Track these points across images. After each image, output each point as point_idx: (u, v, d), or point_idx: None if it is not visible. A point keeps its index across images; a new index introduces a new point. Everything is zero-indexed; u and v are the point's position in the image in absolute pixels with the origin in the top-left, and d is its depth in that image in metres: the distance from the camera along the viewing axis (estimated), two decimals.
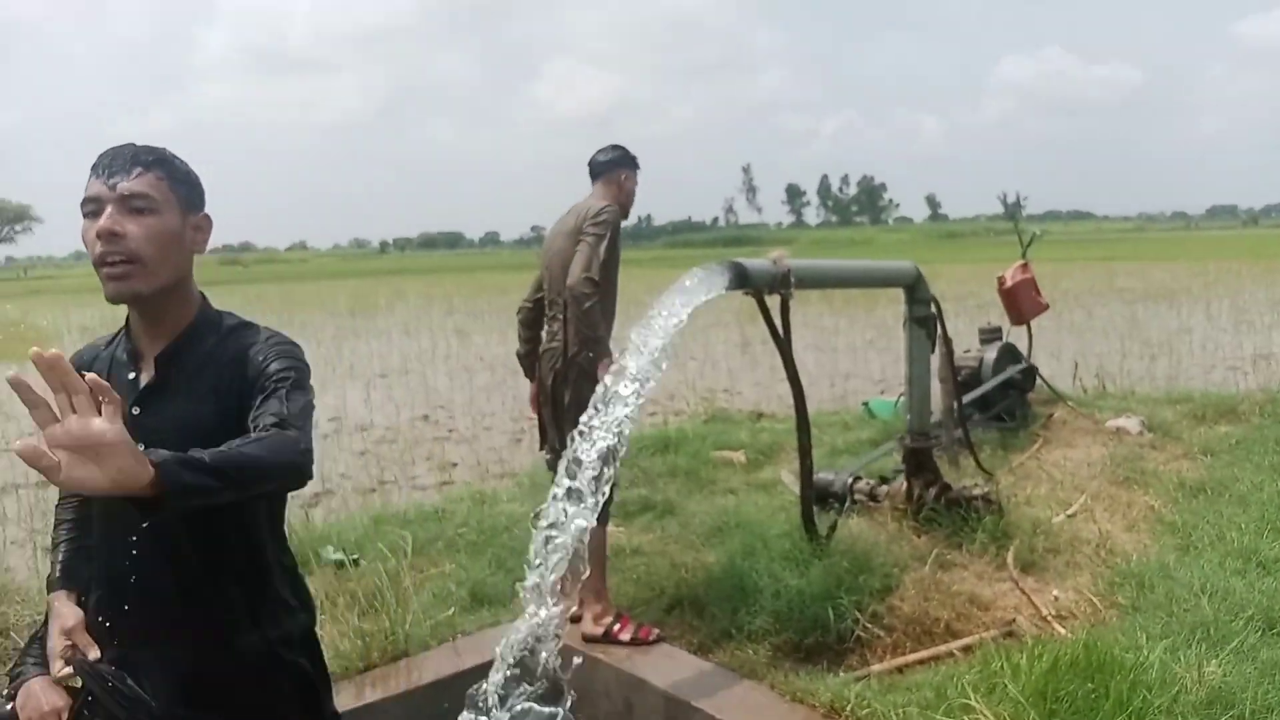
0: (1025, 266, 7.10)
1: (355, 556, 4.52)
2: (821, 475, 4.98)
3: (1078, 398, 7.40)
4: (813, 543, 3.93)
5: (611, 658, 3.56)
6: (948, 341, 5.07)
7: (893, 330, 11.41)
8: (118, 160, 1.60)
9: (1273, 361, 12.12)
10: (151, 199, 1.60)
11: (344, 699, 3.07)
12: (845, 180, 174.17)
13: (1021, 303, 6.98)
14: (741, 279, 3.45)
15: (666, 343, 2.94)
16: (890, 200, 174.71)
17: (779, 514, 4.74)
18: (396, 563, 4.22)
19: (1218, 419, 6.64)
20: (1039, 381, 6.80)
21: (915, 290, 4.61)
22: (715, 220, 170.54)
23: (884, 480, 4.84)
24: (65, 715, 1.64)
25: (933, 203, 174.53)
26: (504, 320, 16.83)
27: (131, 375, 1.69)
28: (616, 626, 3.66)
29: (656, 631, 3.69)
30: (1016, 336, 7.12)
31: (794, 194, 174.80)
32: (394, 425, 10.03)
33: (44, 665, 1.68)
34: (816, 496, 4.90)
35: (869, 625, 3.62)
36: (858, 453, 6.03)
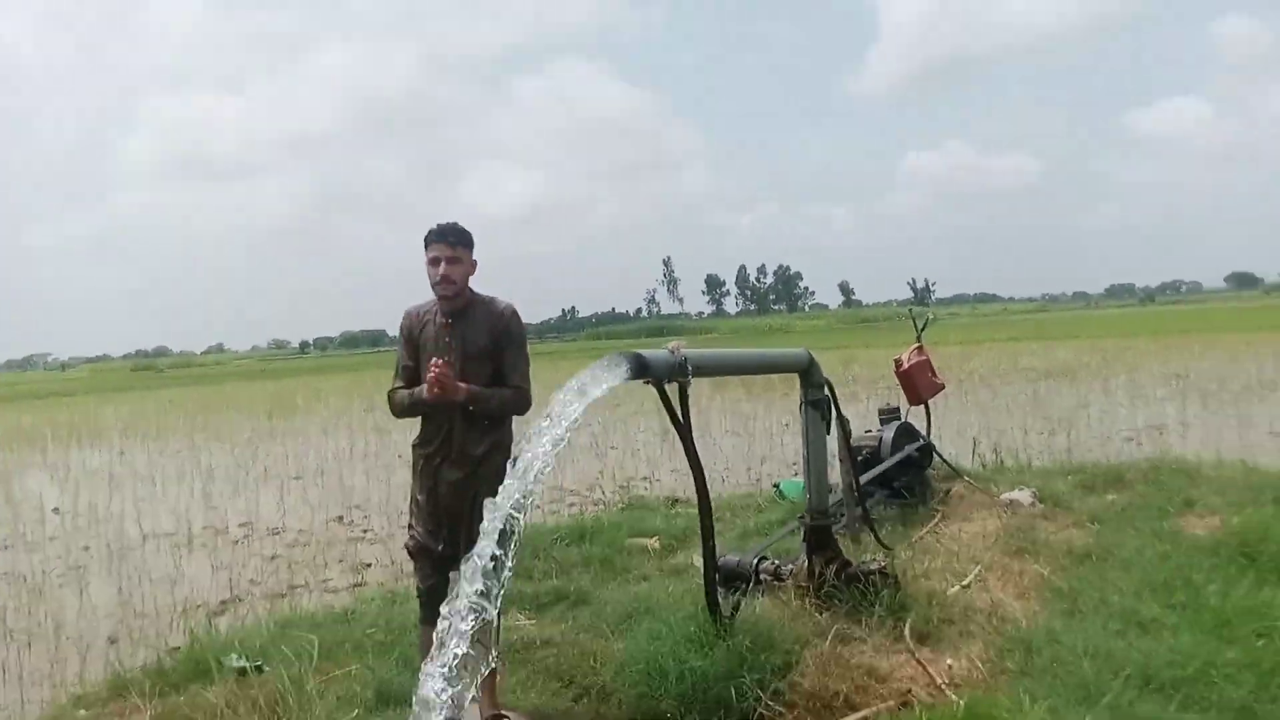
0: (920, 349, 7.43)
1: (259, 663, 4.45)
2: (728, 557, 5.10)
3: (977, 472, 7.69)
4: (717, 624, 4.01)
5: None
6: (843, 422, 5.29)
7: None
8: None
9: (1164, 432, 12.70)
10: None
11: None
12: (762, 270, 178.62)
13: (918, 383, 7.29)
14: (641, 369, 3.61)
15: (563, 435, 3.06)
16: (806, 288, 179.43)
17: (688, 597, 4.83)
18: (301, 668, 4.18)
19: (1106, 488, 6.97)
20: (938, 458, 7.06)
21: (809, 375, 4.83)
22: (638, 311, 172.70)
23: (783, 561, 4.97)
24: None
25: (846, 290, 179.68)
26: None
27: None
28: None
29: None
30: (922, 415, 7.41)
31: (714, 284, 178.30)
32: (307, 528, 9.86)
33: None
34: (725, 578, 5.02)
35: (770, 703, 3.70)
36: (768, 533, 6.17)
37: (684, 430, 3.96)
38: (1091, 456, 9.99)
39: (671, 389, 3.90)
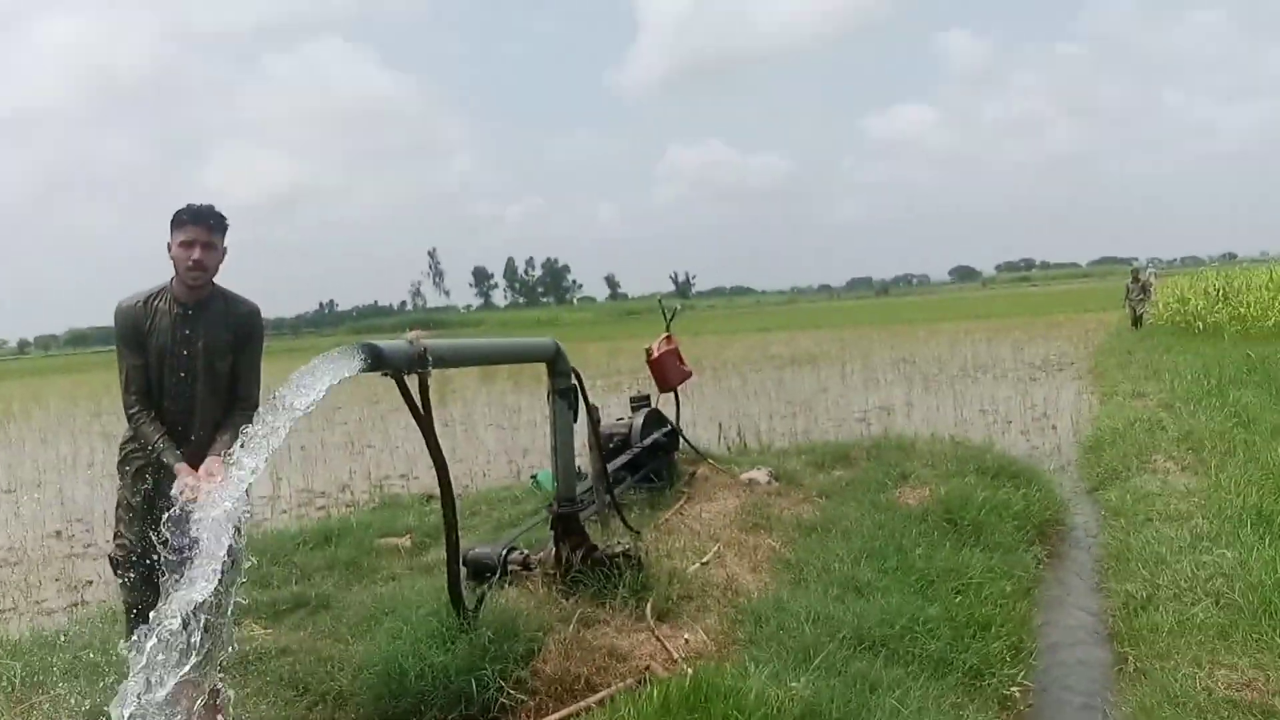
0: (669, 339, 7.70)
1: None
2: (477, 549, 5.08)
3: (722, 455, 8.09)
4: (460, 617, 3.98)
5: None
6: (591, 410, 5.39)
7: None
8: None
9: (891, 412, 13.84)
10: None
11: None
12: (531, 262, 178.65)
13: (668, 371, 7.55)
14: (376, 360, 3.51)
15: (283, 437, 2.93)
16: (574, 281, 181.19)
17: (435, 594, 4.76)
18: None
19: (834, 465, 7.53)
20: (684, 443, 7.35)
21: (556, 364, 4.88)
22: (403, 304, 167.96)
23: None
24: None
25: (612, 282, 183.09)
26: None
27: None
28: None
29: None
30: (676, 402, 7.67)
31: (481, 276, 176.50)
32: (18, 545, 8.88)
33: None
34: (474, 571, 5.00)
35: (512, 691, 3.72)
36: (522, 525, 6.20)
37: (425, 423, 3.89)
38: (827, 437, 10.73)
39: (412, 381, 3.84)
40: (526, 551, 5.03)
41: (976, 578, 4.96)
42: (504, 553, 4.94)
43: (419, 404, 3.86)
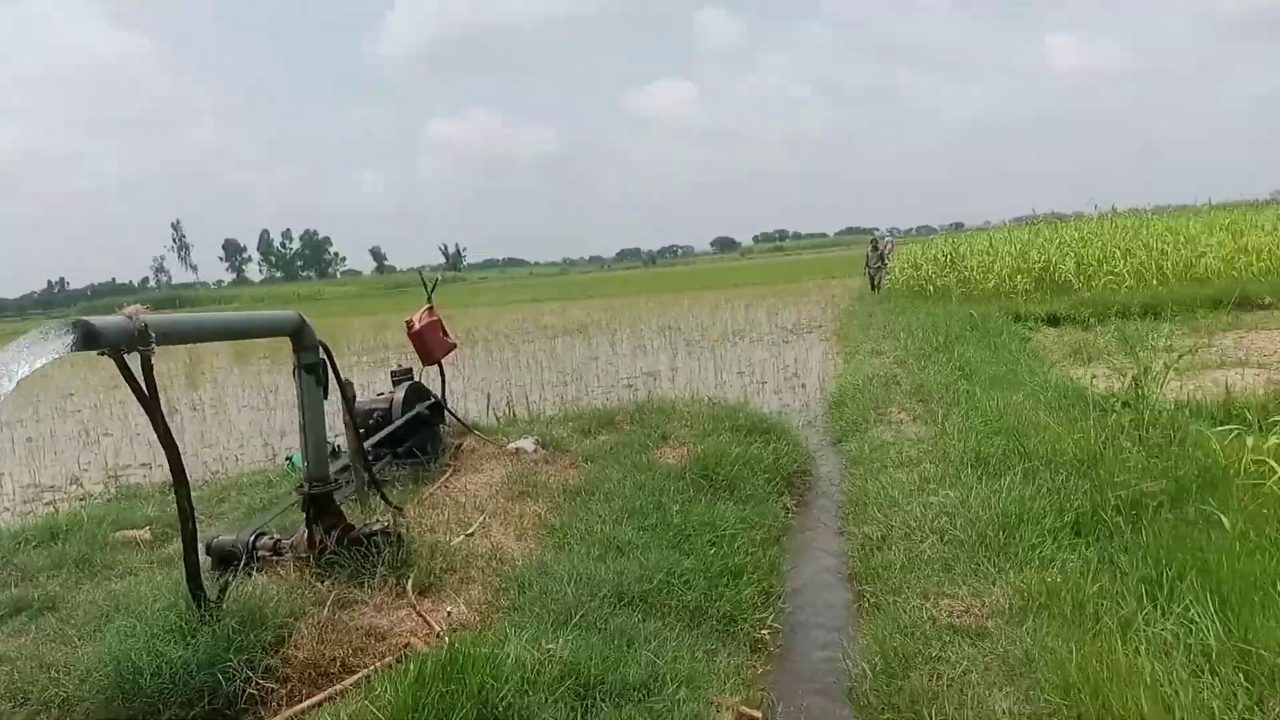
0: (431, 310, 7.52)
1: None
2: (222, 537, 4.79)
3: (490, 426, 8.03)
4: (200, 609, 3.74)
5: None
6: (344, 387, 5.19)
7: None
8: None
9: (657, 377, 14.24)
10: None
11: None
12: (288, 235, 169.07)
13: (430, 344, 7.38)
14: (89, 339, 3.21)
15: None
16: (336, 254, 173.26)
17: (177, 587, 4.44)
18: None
19: (599, 430, 7.66)
20: (449, 416, 7.23)
21: (301, 338, 4.64)
22: (145, 281, 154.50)
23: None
24: None
25: (379, 255, 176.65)
26: None
27: None
28: None
29: None
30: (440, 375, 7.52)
31: (233, 250, 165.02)
32: None
33: None
34: (220, 560, 4.70)
35: (261, 681, 3.55)
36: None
37: (150, 404, 3.61)
38: (596, 404, 10.89)
39: (134, 360, 3.55)
40: (278, 536, 4.79)
41: (730, 529, 5.21)
42: (252, 539, 4.68)
43: (142, 385, 3.58)
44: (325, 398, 4.80)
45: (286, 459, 7.80)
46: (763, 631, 4.36)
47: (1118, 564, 4.08)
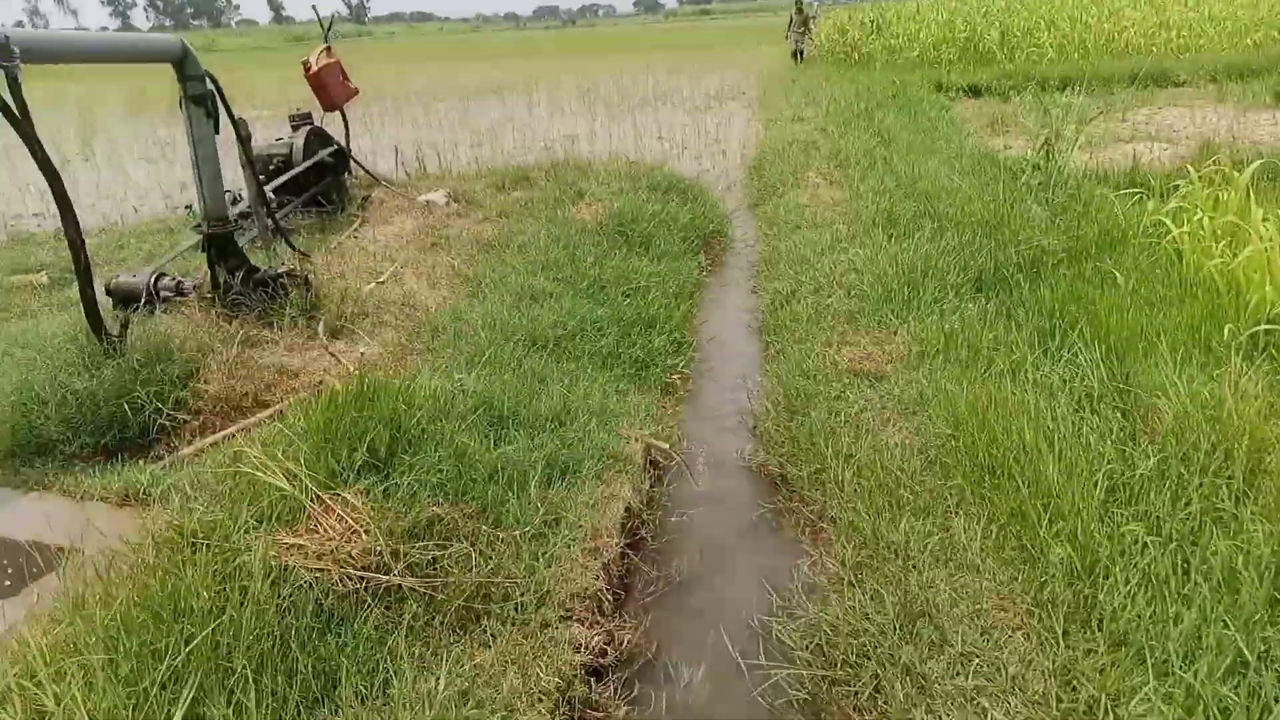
0: (329, 50, 7.05)
1: None
2: (123, 277, 4.64)
3: (400, 180, 7.76)
4: (102, 343, 3.66)
5: None
6: (237, 125, 4.90)
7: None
8: None
9: (576, 140, 13.85)
10: None
11: None
12: None
13: (330, 88, 6.97)
14: None
15: None
16: (230, 2, 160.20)
17: (78, 327, 4.33)
18: None
19: (514, 187, 7.49)
20: (356, 166, 6.96)
21: (184, 67, 4.31)
22: (19, 24, 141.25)
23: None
24: None
25: (275, 4, 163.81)
26: None
27: None
28: None
29: None
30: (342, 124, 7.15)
31: None
32: None
33: None
34: (120, 300, 4.57)
35: (173, 413, 3.53)
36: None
37: (22, 126, 3.36)
38: (511, 164, 10.61)
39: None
40: (180, 278, 4.65)
41: (644, 283, 5.24)
42: (152, 279, 4.54)
43: (13, 106, 3.31)
44: (217, 133, 4.52)
45: (186, 207, 7.49)
46: (674, 377, 4.48)
47: (1014, 316, 4.25)
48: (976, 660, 2.27)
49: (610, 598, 2.72)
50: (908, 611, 2.43)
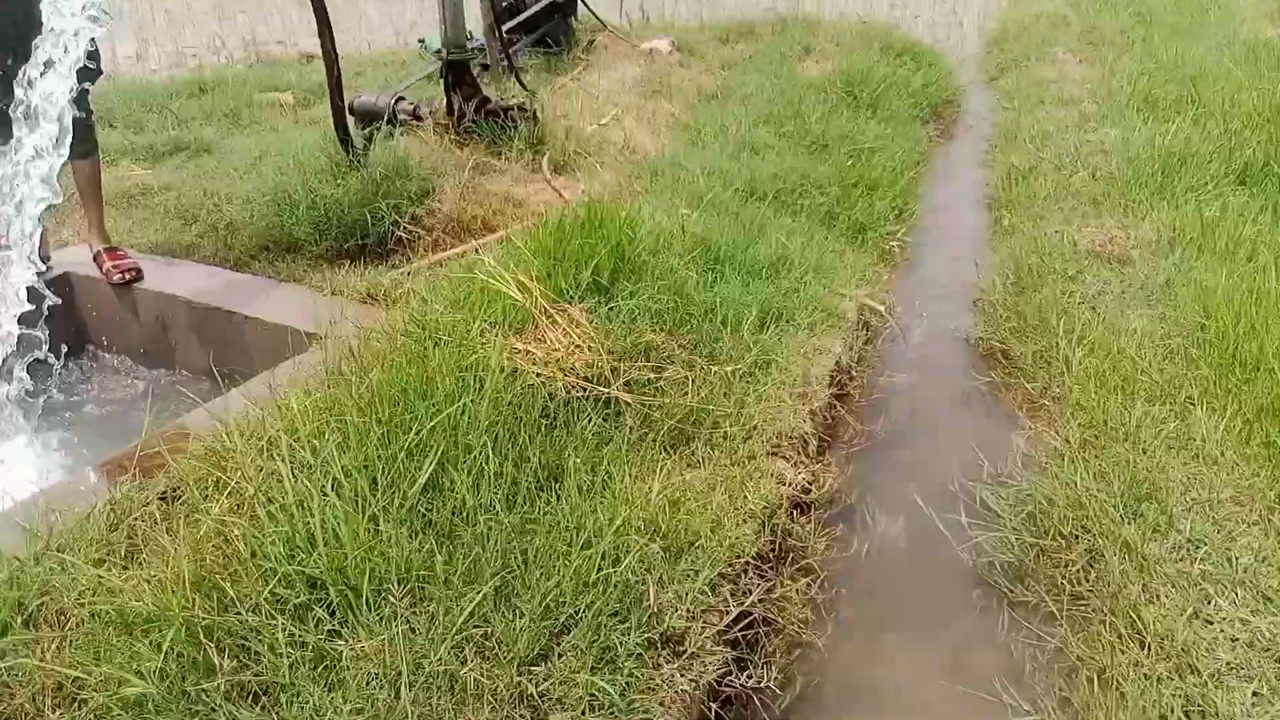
0: None
1: None
2: (365, 97, 4.84)
3: (623, 27, 7.69)
4: (349, 154, 3.87)
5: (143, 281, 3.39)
6: None
7: None
8: None
9: (800, 2, 13.28)
10: None
11: None
12: None
13: None
14: None
15: None
16: None
17: (325, 140, 4.59)
18: None
19: (738, 40, 7.28)
20: (584, 10, 6.93)
21: None
22: None
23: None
24: None
25: None
26: None
27: None
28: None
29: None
30: None
31: None
32: None
33: None
34: (362, 118, 4.78)
35: (409, 227, 3.73)
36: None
37: None
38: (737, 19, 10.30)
39: None
40: (417, 102, 4.82)
41: (869, 145, 5.04)
42: (393, 101, 4.72)
43: None
44: None
45: (419, 41, 7.71)
46: (892, 244, 4.33)
47: None
48: (1204, 548, 2.15)
49: (815, 442, 2.72)
50: (1134, 492, 2.31)
